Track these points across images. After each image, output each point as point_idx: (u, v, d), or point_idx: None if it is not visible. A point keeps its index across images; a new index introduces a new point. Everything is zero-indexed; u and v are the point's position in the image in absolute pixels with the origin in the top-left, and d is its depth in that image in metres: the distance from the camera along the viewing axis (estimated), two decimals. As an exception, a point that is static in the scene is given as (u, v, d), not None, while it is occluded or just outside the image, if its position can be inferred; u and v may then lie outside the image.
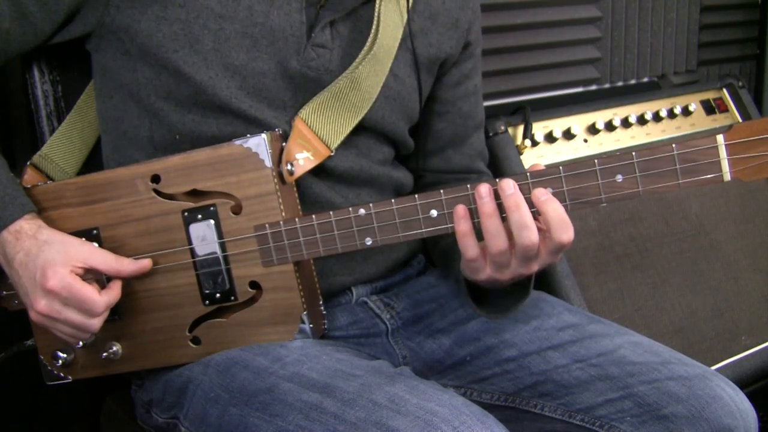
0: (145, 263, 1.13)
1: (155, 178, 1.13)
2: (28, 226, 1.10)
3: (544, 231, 1.01)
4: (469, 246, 1.04)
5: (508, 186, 1.01)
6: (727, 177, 0.96)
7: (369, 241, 1.09)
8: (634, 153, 0.98)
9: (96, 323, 1.10)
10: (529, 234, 1.00)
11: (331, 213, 1.09)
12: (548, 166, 1.03)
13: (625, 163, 0.98)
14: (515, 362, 1.21)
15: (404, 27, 1.23)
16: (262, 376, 1.07)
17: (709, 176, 0.96)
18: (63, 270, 1.07)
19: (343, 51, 1.18)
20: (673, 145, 0.97)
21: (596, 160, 1.00)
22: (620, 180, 0.99)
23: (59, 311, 1.08)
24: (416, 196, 1.06)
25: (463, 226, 1.04)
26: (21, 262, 1.08)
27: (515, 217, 1.00)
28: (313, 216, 1.09)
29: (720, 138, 0.95)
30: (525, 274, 1.06)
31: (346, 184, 1.22)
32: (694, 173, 0.97)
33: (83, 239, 1.13)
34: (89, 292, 1.07)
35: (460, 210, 1.04)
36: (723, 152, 0.95)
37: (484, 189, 1.02)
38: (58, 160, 1.28)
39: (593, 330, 1.21)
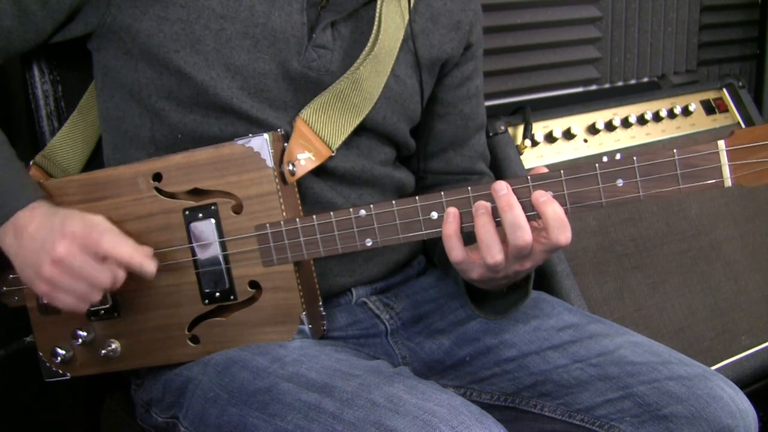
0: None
1: (157, 177, 1.13)
2: (43, 202, 1.09)
3: (539, 230, 1.01)
4: (453, 248, 1.04)
5: (501, 187, 1.01)
6: (728, 183, 0.95)
7: (369, 242, 1.08)
8: (635, 158, 0.98)
9: (106, 277, 1.06)
10: (523, 234, 1.00)
11: (331, 213, 1.09)
12: (549, 168, 1.03)
13: (626, 168, 0.98)
14: (515, 362, 1.21)
15: (405, 28, 1.23)
16: (261, 376, 1.07)
17: (710, 182, 0.96)
18: (84, 220, 1.06)
19: (344, 52, 1.18)
20: (674, 150, 0.97)
21: (597, 164, 0.99)
22: (621, 184, 0.99)
23: (75, 255, 1.04)
24: (417, 197, 1.06)
25: (449, 228, 1.03)
26: (38, 225, 1.06)
27: (508, 217, 1.00)
28: (314, 216, 1.09)
29: (721, 143, 0.95)
30: (519, 271, 1.06)
31: (348, 185, 1.22)
32: (695, 178, 0.96)
33: None
34: (114, 231, 1.07)
35: (451, 212, 1.03)
36: (724, 158, 0.95)
37: (481, 202, 1.02)
38: (60, 160, 1.28)
39: (593, 330, 1.21)
